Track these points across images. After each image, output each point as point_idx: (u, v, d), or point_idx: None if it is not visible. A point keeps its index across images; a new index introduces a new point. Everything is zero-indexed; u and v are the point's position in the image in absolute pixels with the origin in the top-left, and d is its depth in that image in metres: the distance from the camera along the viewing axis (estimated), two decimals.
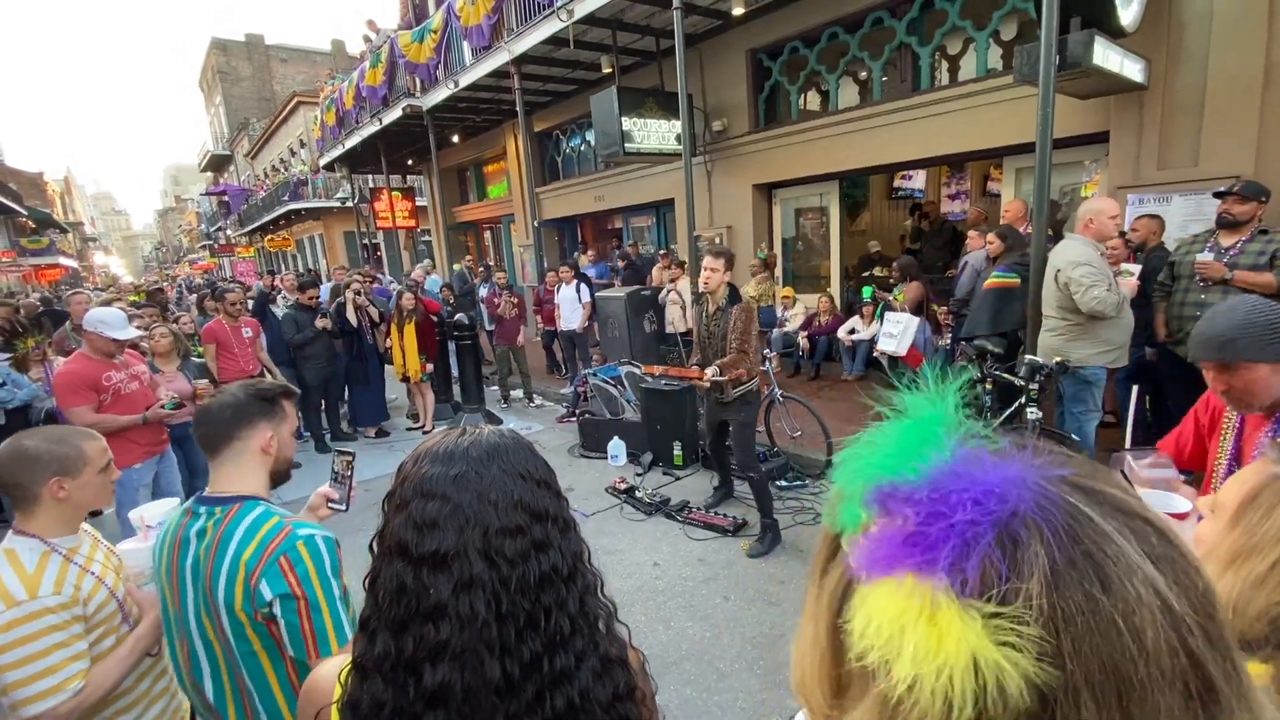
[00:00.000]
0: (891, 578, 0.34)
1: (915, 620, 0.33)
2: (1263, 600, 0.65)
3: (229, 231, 33.38)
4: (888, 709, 0.35)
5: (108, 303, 5.57)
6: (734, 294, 3.86)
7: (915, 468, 0.37)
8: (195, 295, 11.30)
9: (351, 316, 6.28)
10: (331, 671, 0.80)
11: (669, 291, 7.28)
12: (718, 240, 8.28)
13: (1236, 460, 1.60)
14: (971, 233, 5.57)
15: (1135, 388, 1.73)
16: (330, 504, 1.58)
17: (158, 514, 1.65)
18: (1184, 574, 0.33)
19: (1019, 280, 4.39)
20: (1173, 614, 0.31)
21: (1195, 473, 1.74)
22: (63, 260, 31.10)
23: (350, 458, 1.62)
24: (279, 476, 1.41)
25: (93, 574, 1.43)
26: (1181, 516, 1.12)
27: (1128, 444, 1.71)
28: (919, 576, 0.33)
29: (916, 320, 5.13)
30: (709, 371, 3.71)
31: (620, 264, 9.43)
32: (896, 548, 0.35)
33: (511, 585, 0.70)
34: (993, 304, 4.57)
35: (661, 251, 8.58)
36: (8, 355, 4.32)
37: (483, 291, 9.17)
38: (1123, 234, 4.48)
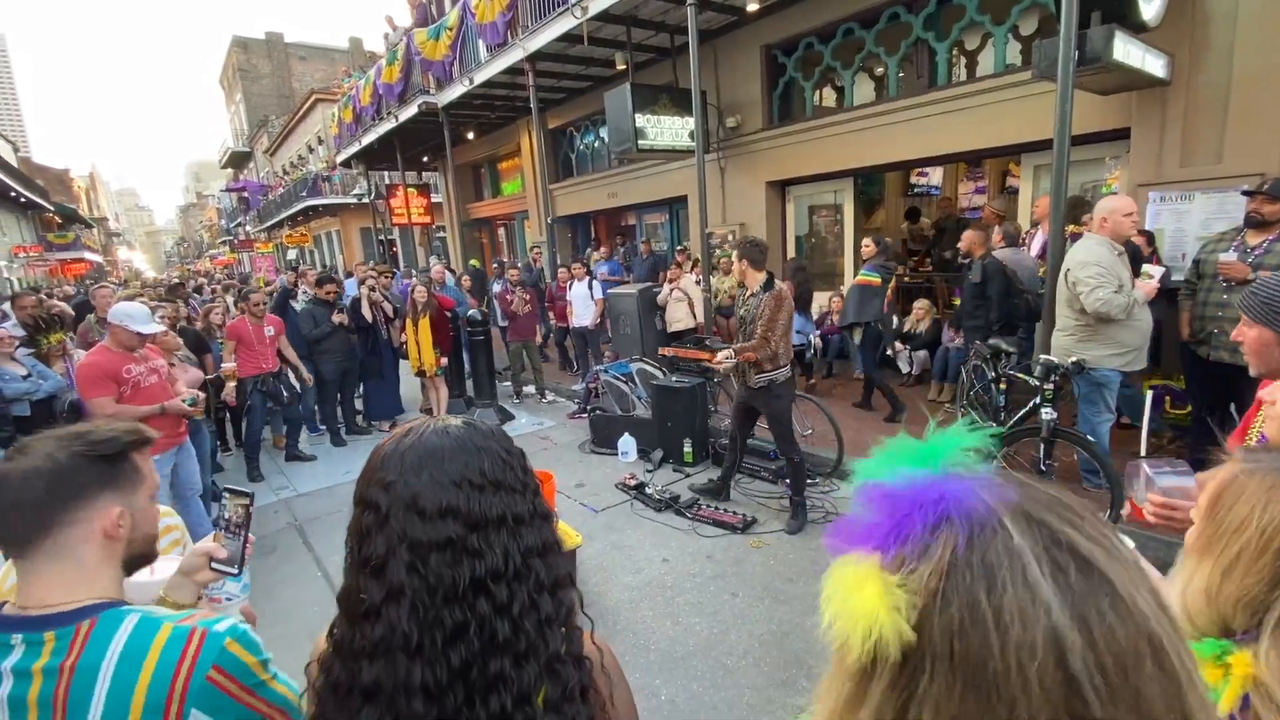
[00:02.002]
0: (849, 552, 0.43)
1: (852, 582, 0.42)
2: (1234, 587, 0.68)
3: (248, 227, 33.85)
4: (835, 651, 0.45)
5: (131, 297, 5.69)
6: (769, 282, 3.88)
7: (898, 474, 0.45)
8: (224, 287, 11.49)
9: (366, 313, 6.35)
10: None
11: (671, 290, 7.27)
12: (731, 237, 8.26)
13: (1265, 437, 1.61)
14: (995, 229, 5.45)
15: (1150, 392, 1.70)
16: (215, 565, 1.14)
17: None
18: (1097, 611, 0.37)
19: (879, 280, 5.39)
20: (1056, 632, 0.36)
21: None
22: (88, 255, 31.73)
23: (247, 502, 1.21)
24: (137, 562, 1.00)
25: None
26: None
27: (1143, 450, 1.69)
28: (864, 552, 0.43)
29: None
30: (720, 354, 3.79)
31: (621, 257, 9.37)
32: (858, 530, 0.44)
33: (438, 595, 0.70)
34: (857, 298, 5.50)
35: (679, 248, 8.56)
36: (30, 349, 4.42)
37: (496, 288, 9.23)
38: (1144, 232, 4.41)
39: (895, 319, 5.83)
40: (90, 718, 0.82)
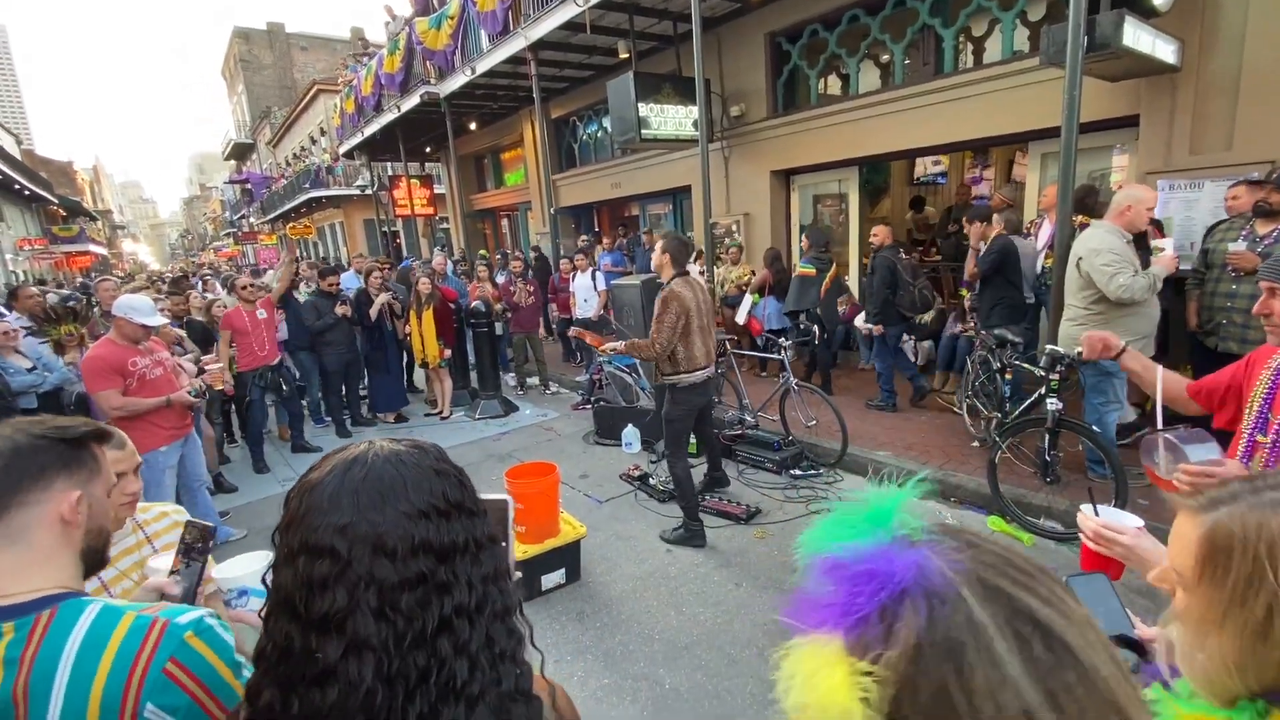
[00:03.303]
0: (812, 633, 0.42)
1: (817, 667, 0.40)
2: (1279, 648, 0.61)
3: (252, 219, 33.87)
4: None
5: (139, 290, 5.71)
6: (669, 281, 3.65)
7: (848, 546, 0.44)
8: (220, 279, 11.54)
9: (373, 312, 6.35)
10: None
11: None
12: (735, 227, 8.23)
13: (1270, 405, 1.58)
14: (995, 217, 5.41)
15: (1159, 370, 1.70)
16: (169, 600, 1.10)
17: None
18: (1064, 685, 0.36)
19: (815, 271, 5.92)
20: (1030, 713, 0.35)
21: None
22: (92, 248, 31.83)
23: (207, 535, 1.14)
24: (91, 556, 0.96)
25: (116, 568, 1.34)
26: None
27: (1159, 424, 1.69)
28: (828, 634, 0.41)
29: (750, 299, 6.91)
30: (606, 345, 3.94)
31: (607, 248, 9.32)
32: (819, 609, 0.42)
33: (406, 641, 0.64)
34: (797, 288, 6.05)
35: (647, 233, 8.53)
36: (42, 340, 4.45)
37: (499, 279, 9.22)
38: (1155, 222, 4.36)
39: (840, 306, 6.19)
40: (50, 710, 0.78)
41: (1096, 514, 1.18)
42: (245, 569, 1.07)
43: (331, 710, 0.63)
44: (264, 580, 0.96)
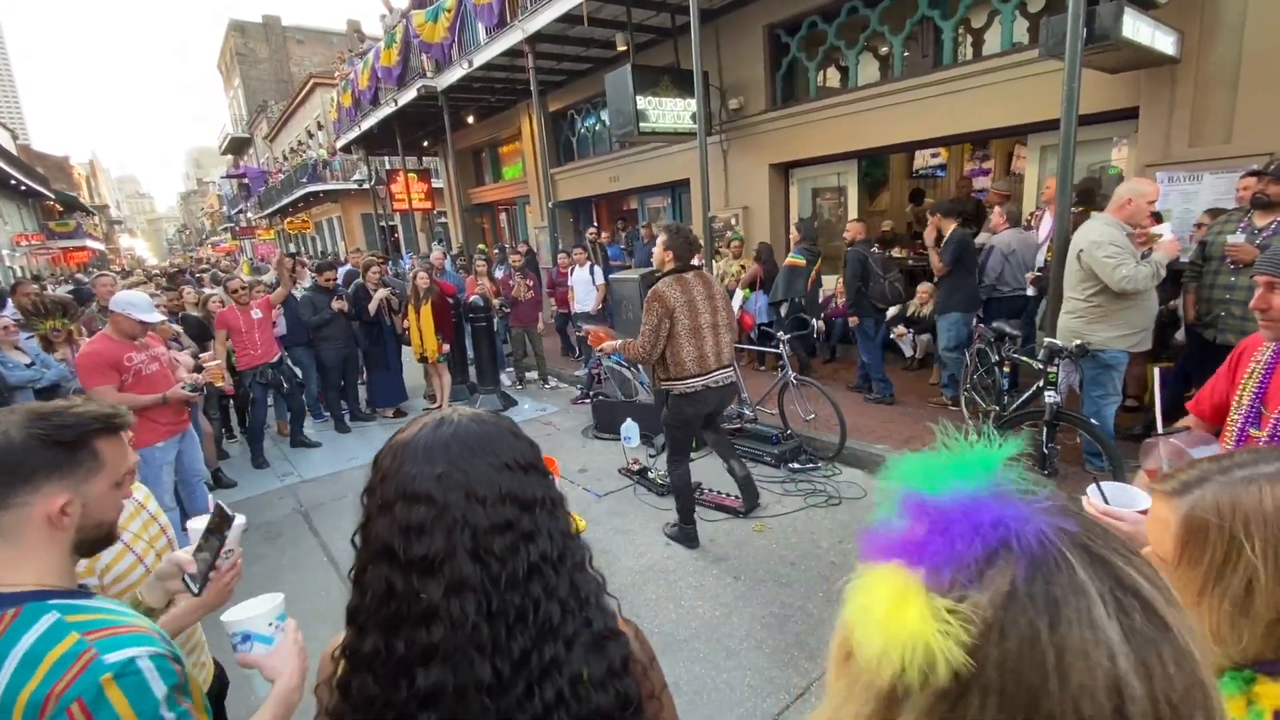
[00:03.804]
0: (886, 564, 0.41)
1: (892, 598, 0.39)
2: (1264, 612, 0.63)
3: (249, 214, 33.76)
4: (855, 667, 0.42)
5: (134, 286, 5.69)
6: (660, 277, 3.40)
7: (949, 489, 0.43)
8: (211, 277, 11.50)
9: (371, 308, 6.34)
10: (334, 647, 0.80)
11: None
12: (733, 221, 8.21)
13: (1261, 399, 1.56)
14: (997, 209, 5.41)
15: (1157, 370, 1.68)
16: (186, 578, 1.14)
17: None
18: (1159, 659, 0.36)
19: (804, 262, 6.10)
20: (1118, 678, 0.35)
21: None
22: (89, 243, 31.73)
23: (225, 519, 1.17)
24: (92, 545, 0.99)
25: (120, 541, 1.33)
26: (1145, 513, 1.14)
27: (1159, 428, 1.68)
28: (904, 566, 0.40)
29: (740, 293, 6.96)
30: (607, 343, 3.74)
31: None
32: (899, 544, 0.41)
33: (501, 582, 0.70)
34: (786, 278, 6.27)
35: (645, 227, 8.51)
36: (28, 335, 4.44)
37: (497, 273, 9.21)
38: (1157, 215, 4.35)
39: (820, 295, 6.48)
40: None
41: (1104, 496, 1.17)
42: (252, 612, 1.05)
43: (438, 648, 0.68)
44: (274, 625, 1.02)
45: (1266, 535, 0.63)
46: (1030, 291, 5.00)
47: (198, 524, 1.22)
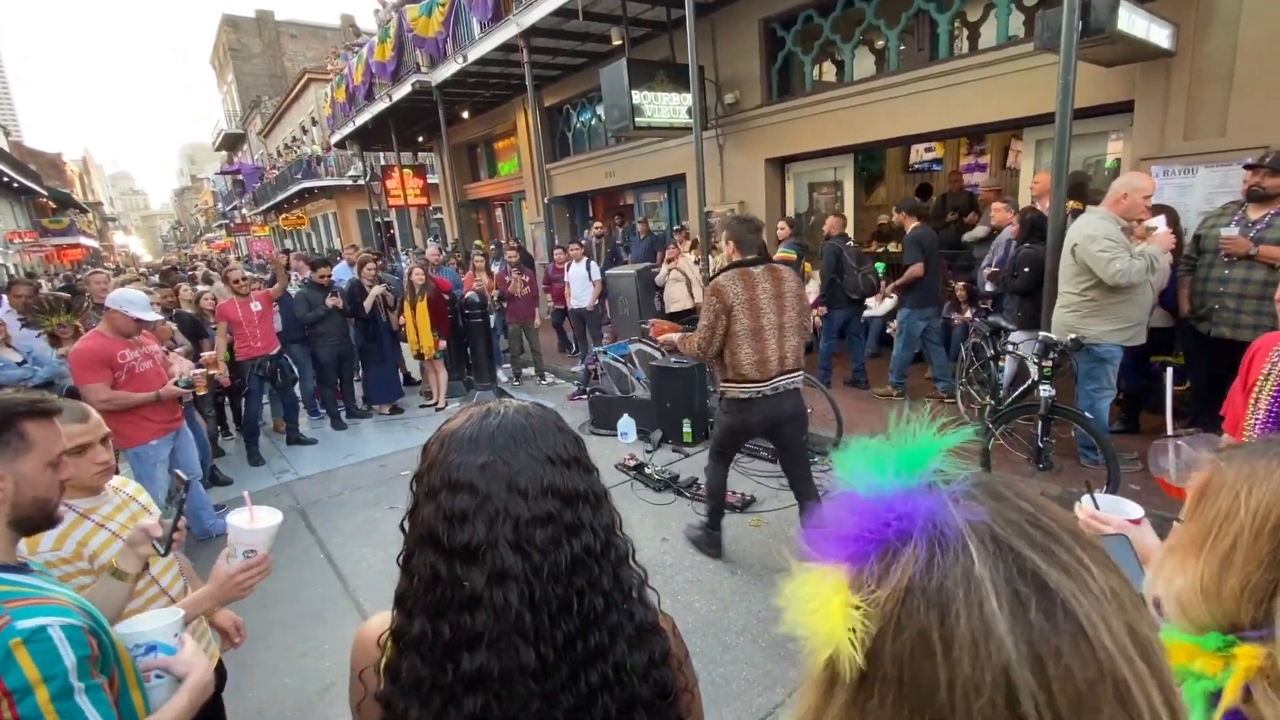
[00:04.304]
0: (823, 562, 0.43)
1: (817, 596, 0.41)
2: (1236, 578, 0.66)
3: (244, 210, 33.60)
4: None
5: (126, 283, 5.67)
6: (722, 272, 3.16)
7: (872, 483, 0.44)
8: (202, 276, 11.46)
9: (367, 305, 6.32)
10: (374, 631, 0.81)
11: (670, 270, 7.23)
12: (730, 214, 8.18)
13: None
14: (997, 205, 5.39)
15: (1170, 370, 1.65)
16: (154, 542, 1.27)
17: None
18: (1054, 655, 0.35)
19: (796, 256, 6.10)
20: (1008, 675, 0.35)
21: None
22: (83, 240, 31.55)
23: (184, 488, 1.31)
24: (31, 523, 1.06)
25: (108, 529, 1.46)
26: (1136, 522, 1.14)
27: (1169, 429, 1.67)
28: (833, 566, 0.42)
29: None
30: (665, 336, 3.44)
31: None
32: (830, 542, 0.43)
33: (544, 573, 0.71)
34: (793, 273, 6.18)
35: (678, 227, 8.49)
36: (37, 332, 4.43)
37: (494, 269, 9.19)
38: (1161, 208, 4.35)
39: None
40: None
41: (1096, 505, 1.16)
42: (155, 624, 1.10)
43: (482, 634, 0.69)
44: (177, 636, 1.08)
45: (1263, 496, 0.66)
46: (989, 288, 5.07)
47: (235, 519, 1.30)
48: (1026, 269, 4.29)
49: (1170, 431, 1.53)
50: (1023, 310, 4.40)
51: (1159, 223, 3.63)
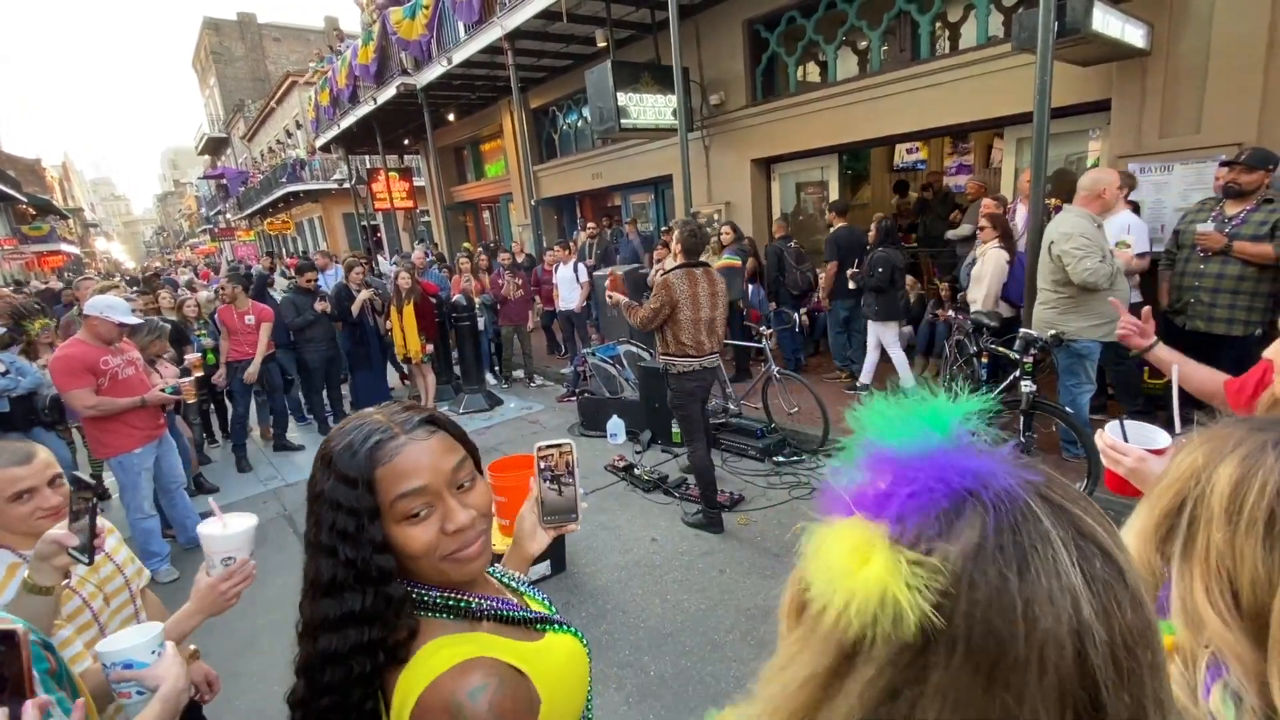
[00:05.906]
0: (847, 518, 0.40)
1: (850, 551, 0.38)
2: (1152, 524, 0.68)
3: (228, 215, 33.25)
4: (811, 620, 0.42)
5: (104, 290, 5.60)
6: (671, 270, 3.75)
7: (912, 440, 0.42)
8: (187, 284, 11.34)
9: (355, 309, 6.29)
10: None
11: (657, 271, 7.24)
12: (717, 216, 8.22)
13: None
14: (987, 201, 5.40)
15: (1175, 367, 1.65)
16: (71, 551, 1.22)
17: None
18: (1117, 603, 0.37)
19: (739, 262, 6.27)
20: (1081, 623, 0.36)
21: None
22: (64, 247, 31.04)
23: (89, 497, 1.26)
24: None
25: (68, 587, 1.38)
26: (1159, 452, 1.15)
27: (1178, 428, 1.66)
28: (867, 519, 0.40)
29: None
30: (617, 296, 4.10)
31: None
32: (860, 498, 0.41)
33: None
34: (724, 280, 6.43)
35: (665, 228, 8.51)
36: (19, 337, 4.37)
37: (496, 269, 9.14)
38: (1134, 204, 4.42)
39: (762, 292, 6.72)
40: None
41: (1124, 434, 1.17)
42: (131, 642, 1.08)
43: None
44: (154, 652, 1.05)
45: (1220, 469, 0.65)
46: (851, 286, 5.46)
47: (207, 529, 1.25)
48: (880, 269, 5.10)
49: (1178, 430, 1.52)
50: (879, 304, 5.21)
51: (1135, 241, 3.70)
